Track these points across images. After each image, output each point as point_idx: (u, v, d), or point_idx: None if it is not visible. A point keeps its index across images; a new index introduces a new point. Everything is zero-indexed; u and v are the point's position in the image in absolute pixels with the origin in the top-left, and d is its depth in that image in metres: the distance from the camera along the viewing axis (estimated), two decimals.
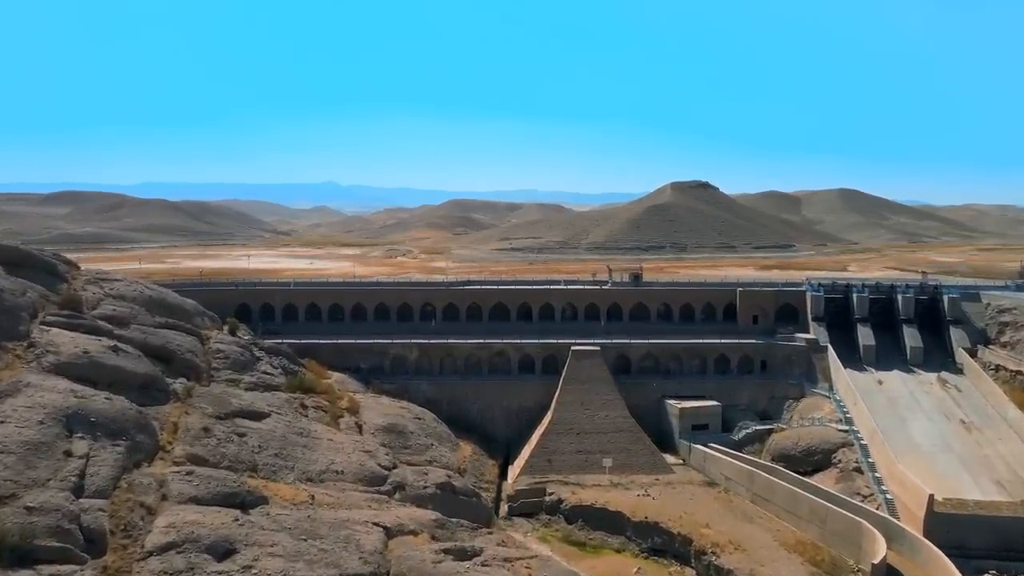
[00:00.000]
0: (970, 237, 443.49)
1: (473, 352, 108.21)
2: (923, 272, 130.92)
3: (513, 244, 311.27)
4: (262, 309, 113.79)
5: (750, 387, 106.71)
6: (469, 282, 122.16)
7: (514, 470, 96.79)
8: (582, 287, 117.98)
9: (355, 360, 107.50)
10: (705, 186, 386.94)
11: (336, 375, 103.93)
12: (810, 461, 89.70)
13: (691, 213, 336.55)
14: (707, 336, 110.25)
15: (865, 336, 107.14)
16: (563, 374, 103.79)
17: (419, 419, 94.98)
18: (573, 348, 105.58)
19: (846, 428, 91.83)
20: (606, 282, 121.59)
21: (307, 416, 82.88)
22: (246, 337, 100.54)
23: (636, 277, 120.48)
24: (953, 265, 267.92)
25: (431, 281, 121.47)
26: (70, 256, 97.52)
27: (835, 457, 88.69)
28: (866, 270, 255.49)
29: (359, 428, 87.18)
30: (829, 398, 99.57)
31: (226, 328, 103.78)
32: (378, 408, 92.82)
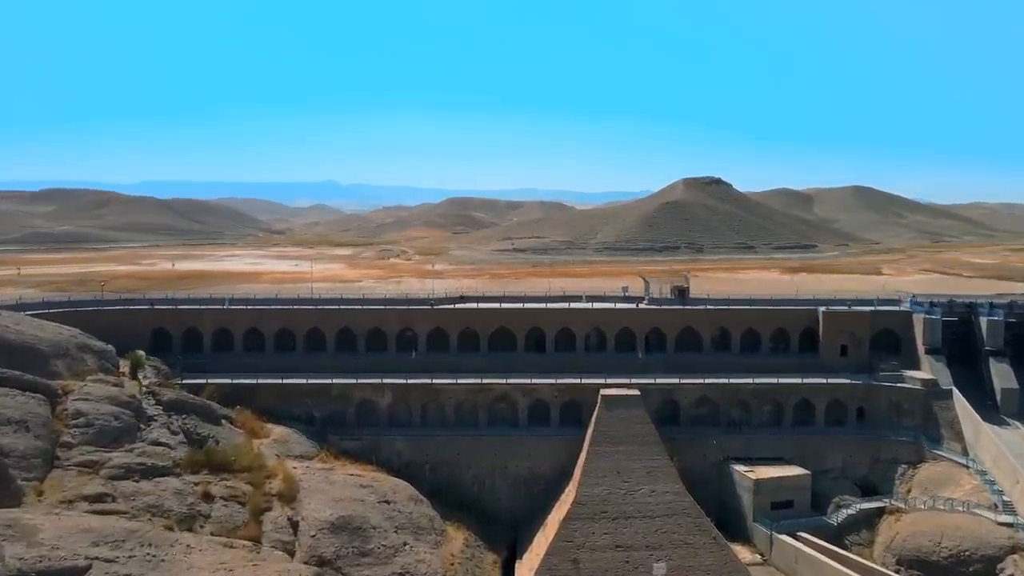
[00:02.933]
0: (992, 236, 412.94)
1: (467, 396, 77.64)
2: None
3: (515, 244, 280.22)
4: (186, 336, 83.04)
5: (844, 445, 76.32)
6: (463, 298, 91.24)
7: (524, 572, 66.27)
8: (612, 306, 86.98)
9: (306, 407, 77.06)
10: (718, 182, 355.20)
11: (278, 430, 73.41)
12: (964, 574, 58.96)
13: (706, 211, 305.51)
14: (781, 373, 79.56)
15: (1003, 376, 76.43)
16: (590, 428, 73.34)
17: (388, 502, 64.43)
18: (603, 393, 75.00)
19: (1010, 520, 61.19)
20: (641, 298, 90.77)
21: (209, 515, 52.52)
22: (148, 381, 69.91)
23: (681, 292, 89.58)
24: (992, 267, 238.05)
25: (412, 298, 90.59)
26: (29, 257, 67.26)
27: (1002, 569, 58.09)
28: (902, 273, 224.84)
29: (294, 528, 56.68)
30: (967, 467, 68.99)
31: (125, 367, 73.36)
32: (327, 490, 62.10)
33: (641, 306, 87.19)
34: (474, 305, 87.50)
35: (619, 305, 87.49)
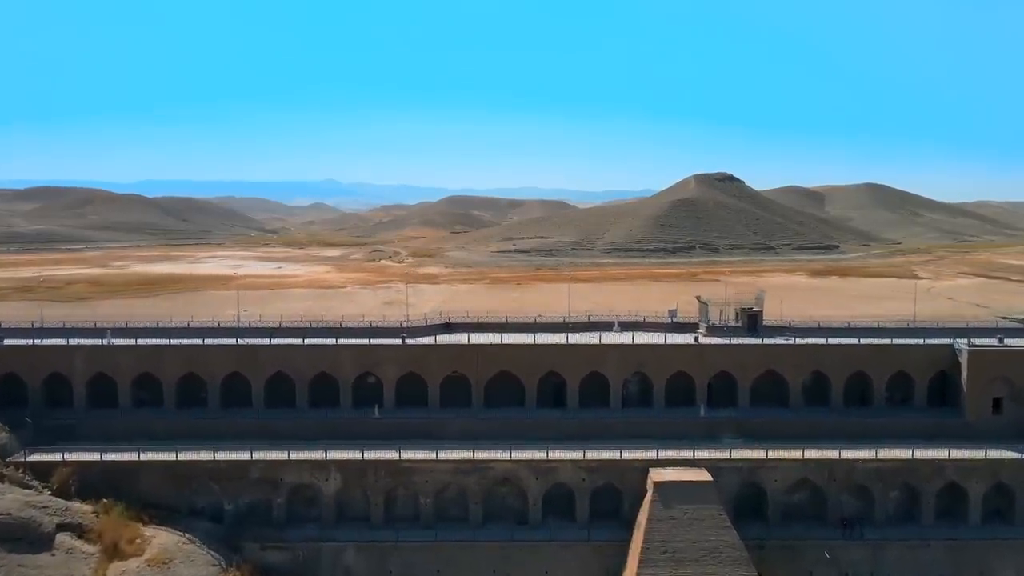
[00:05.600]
0: (1014, 235, 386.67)
1: (452, 479, 51.25)
2: None
3: (517, 245, 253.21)
4: (48, 385, 56.48)
5: (1021, 555, 49.74)
6: (450, 326, 64.48)
7: None
8: (661, 338, 60.04)
9: (213, 496, 50.86)
10: (731, 179, 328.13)
11: (162, 539, 47.18)
12: None
13: (720, 209, 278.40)
14: (905, 439, 53.18)
15: None
16: (639, 534, 47.48)
17: None
18: (656, 477, 48.96)
19: None
20: (695, 325, 64.09)
21: None
22: None
23: (752, 319, 62.93)
24: None
25: (377, 326, 63.58)
26: None
27: None
28: (940, 277, 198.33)
29: None
30: None
31: None
32: None
33: (701, 339, 60.44)
34: (464, 337, 60.80)
35: (669, 338, 60.73)
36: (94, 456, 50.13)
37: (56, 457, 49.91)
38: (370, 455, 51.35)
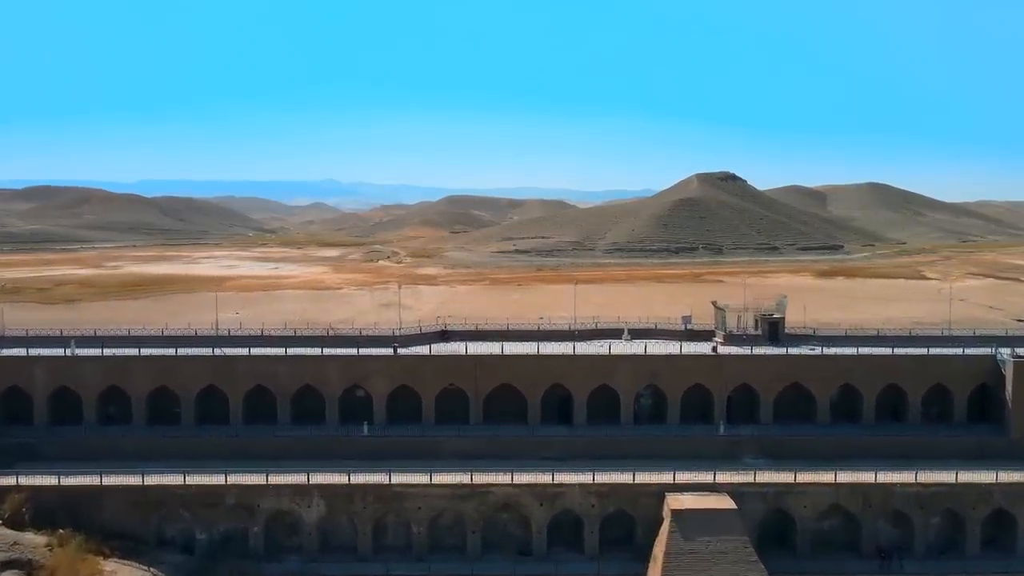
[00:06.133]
0: (1018, 235, 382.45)
1: (448, 505, 46.18)
2: None
3: (517, 245, 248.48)
4: (6, 400, 51.51)
5: None
6: (446, 334, 59.47)
7: None
8: (674, 347, 54.99)
9: (184, 524, 45.76)
10: (733, 178, 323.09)
11: (125, 571, 41.90)
12: None
13: (724, 208, 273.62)
14: (942, 459, 48.20)
15: None
16: (655, 565, 42.35)
17: None
18: (674, 504, 43.90)
19: None
20: (711, 332, 59.05)
21: None
22: None
23: (773, 327, 57.86)
24: None
25: (368, 334, 58.49)
26: None
27: None
28: (949, 277, 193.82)
29: None
30: None
31: None
32: None
33: (719, 349, 55.41)
34: (461, 347, 55.74)
35: (684, 347, 55.73)
36: (51, 480, 45.10)
37: (10, 481, 44.90)
38: (357, 478, 46.32)
